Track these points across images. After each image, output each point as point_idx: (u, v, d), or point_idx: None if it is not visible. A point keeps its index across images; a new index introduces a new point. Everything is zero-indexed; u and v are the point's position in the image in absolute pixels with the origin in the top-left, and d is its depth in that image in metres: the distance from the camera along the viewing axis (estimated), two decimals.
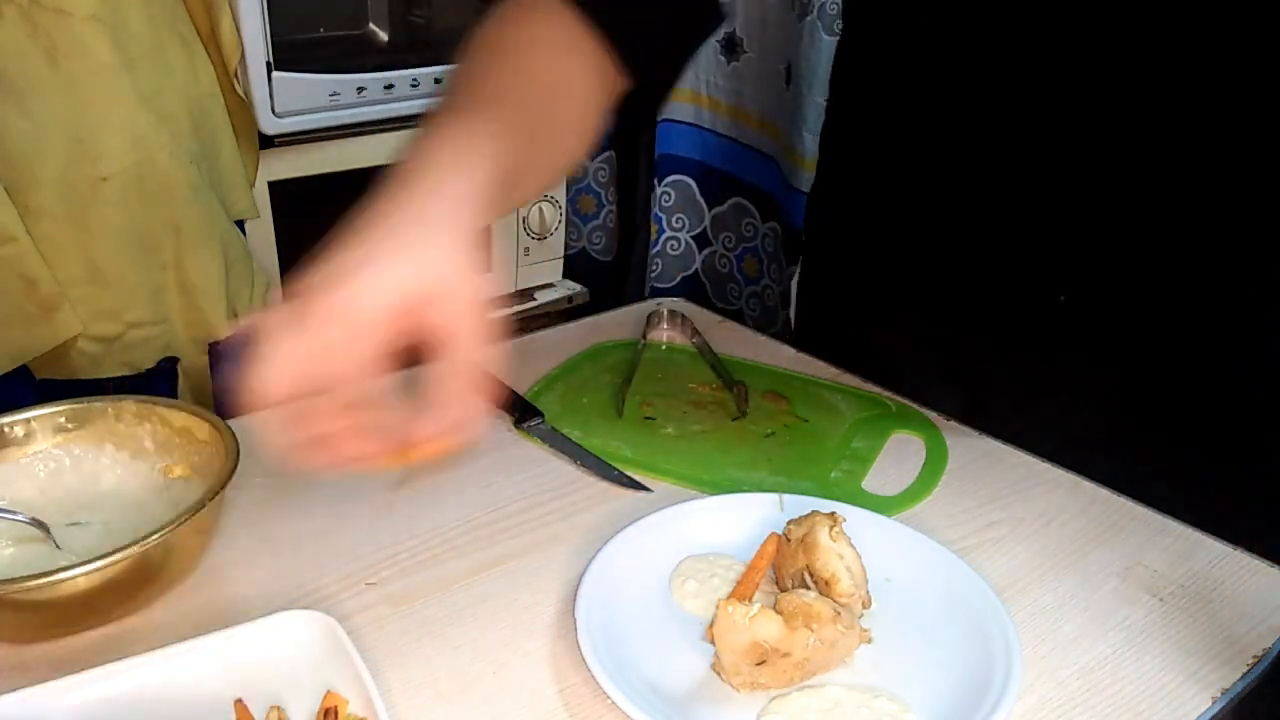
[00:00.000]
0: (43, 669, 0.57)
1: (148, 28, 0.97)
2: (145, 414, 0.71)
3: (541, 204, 1.41)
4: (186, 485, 0.69)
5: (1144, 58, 0.72)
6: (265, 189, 1.17)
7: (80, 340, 0.99)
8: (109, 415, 0.70)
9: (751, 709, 0.55)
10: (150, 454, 0.71)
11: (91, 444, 0.70)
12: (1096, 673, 0.59)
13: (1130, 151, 0.75)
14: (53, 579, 0.55)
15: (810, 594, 0.56)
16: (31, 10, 0.90)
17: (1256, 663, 0.60)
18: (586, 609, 0.60)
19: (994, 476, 0.77)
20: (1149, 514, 0.73)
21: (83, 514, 0.67)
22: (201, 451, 0.69)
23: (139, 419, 0.71)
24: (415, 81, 1.23)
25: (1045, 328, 0.81)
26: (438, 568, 0.67)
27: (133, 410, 0.71)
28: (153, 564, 0.59)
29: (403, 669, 0.58)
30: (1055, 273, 0.80)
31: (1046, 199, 0.78)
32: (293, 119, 1.15)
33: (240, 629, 0.56)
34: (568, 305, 1.49)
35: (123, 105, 0.96)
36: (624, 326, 1.00)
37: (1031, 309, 0.81)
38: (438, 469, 0.77)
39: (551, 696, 0.57)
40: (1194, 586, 0.66)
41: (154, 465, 0.71)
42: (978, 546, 0.70)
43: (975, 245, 0.82)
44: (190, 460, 0.70)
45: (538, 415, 0.82)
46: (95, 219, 0.97)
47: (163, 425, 0.71)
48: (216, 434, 0.68)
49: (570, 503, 0.74)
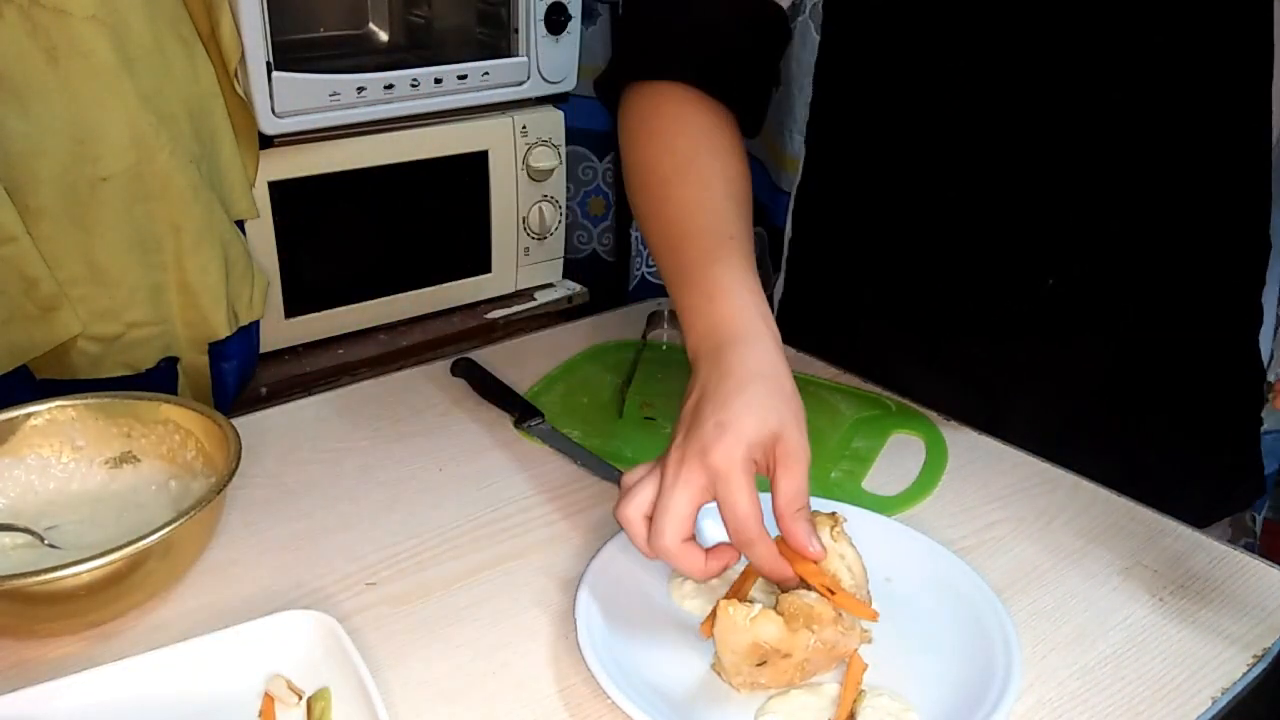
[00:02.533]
0: (42, 669, 0.57)
1: (148, 28, 0.97)
2: (73, 415, 0.71)
3: (541, 204, 1.40)
4: (136, 470, 0.70)
5: (1121, 43, 0.73)
6: (265, 189, 1.17)
7: (80, 340, 0.99)
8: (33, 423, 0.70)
9: (751, 709, 0.55)
10: (85, 450, 0.71)
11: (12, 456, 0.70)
12: (1096, 673, 0.59)
13: (1113, 135, 0.75)
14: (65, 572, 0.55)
15: (811, 595, 0.56)
16: (31, 10, 0.90)
17: (1256, 662, 0.60)
18: (586, 609, 0.60)
19: (994, 476, 0.77)
20: (1149, 514, 0.73)
21: (46, 519, 0.67)
22: (153, 432, 0.70)
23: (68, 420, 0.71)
24: (415, 81, 1.23)
25: (1033, 312, 0.82)
26: (438, 568, 0.67)
27: (58, 414, 0.71)
28: (157, 557, 0.60)
29: (403, 669, 0.58)
30: (1042, 257, 0.80)
31: (1031, 183, 0.78)
32: (293, 119, 1.15)
33: (241, 628, 0.56)
34: (568, 305, 1.48)
35: (123, 105, 0.95)
36: (624, 326, 1.00)
37: (1019, 294, 0.81)
38: (437, 469, 0.77)
39: (551, 696, 0.57)
40: (1194, 586, 0.66)
41: (93, 461, 0.71)
42: (978, 546, 0.70)
43: (961, 231, 0.83)
44: (140, 445, 0.71)
45: (538, 415, 0.82)
46: (95, 219, 0.97)
47: (94, 420, 0.71)
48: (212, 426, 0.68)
49: (570, 503, 0.74)
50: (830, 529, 0.61)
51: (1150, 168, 0.76)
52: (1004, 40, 0.76)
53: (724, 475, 0.56)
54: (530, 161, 1.37)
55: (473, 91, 1.29)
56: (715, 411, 0.59)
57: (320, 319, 1.28)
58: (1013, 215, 0.80)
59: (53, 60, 0.92)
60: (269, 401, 1.00)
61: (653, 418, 0.85)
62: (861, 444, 0.81)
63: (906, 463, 0.79)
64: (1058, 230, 0.79)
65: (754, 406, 0.59)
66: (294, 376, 1.24)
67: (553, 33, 1.31)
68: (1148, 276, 0.80)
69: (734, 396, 0.59)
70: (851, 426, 0.84)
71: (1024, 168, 0.78)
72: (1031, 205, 0.79)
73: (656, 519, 0.58)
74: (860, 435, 0.82)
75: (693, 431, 0.59)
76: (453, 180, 1.33)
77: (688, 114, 0.77)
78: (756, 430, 0.58)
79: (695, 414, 0.60)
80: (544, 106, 1.38)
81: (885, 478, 0.77)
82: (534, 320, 1.43)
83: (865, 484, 0.77)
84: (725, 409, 0.58)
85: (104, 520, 0.68)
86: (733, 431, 0.57)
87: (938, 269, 0.85)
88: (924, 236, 0.85)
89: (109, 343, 1.02)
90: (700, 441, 0.58)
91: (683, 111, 0.77)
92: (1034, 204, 0.79)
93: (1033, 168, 0.78)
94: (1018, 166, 0.78)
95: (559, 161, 1.40)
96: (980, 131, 0.79)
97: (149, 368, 1.05)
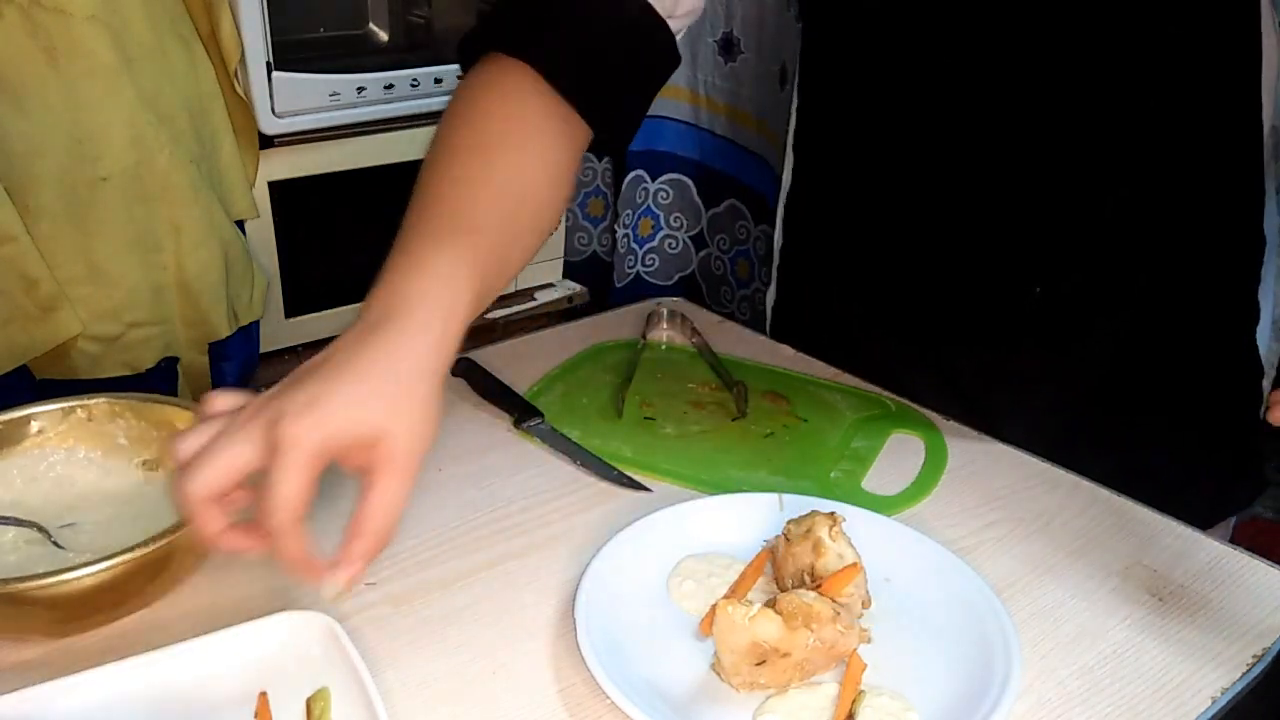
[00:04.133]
0: (43, 669, 0.57)
1: (148, 28, 0.97)
2: (118, 411, 0.71)
3: None
4: (170, 477, 0.70)
5: (1108, 43, 0.73)
6: (265, 189, 1.17)
7: (80, 340, 0.99)
8: (79, 415, 0.70)
9: (750, 708, 0.55)
10: (125, 450, 0.71)
11: (63, 446, 0.70)
12: (1096, 673, 0.59)
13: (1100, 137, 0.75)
14: (70, 575, 0.55)
15: (810, 594, 0.56)
16: (31, 10, 0.90)
17: (1256, 662, 0.60)
18: (586, 609, 0.60)
19: (994, 476, 0.77)
20: (1149, 514, 0.73)
21: (69, 515, 0.67)
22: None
23: (111, 416, 0.71)
24: (415, 81, 1.23)
25: (1023, 321, 0.82)
26: (438, 568, 0.67)
27: (104, 409, 0.71)
28: (162, 562, 0.60)
29: (403, 669, 0.58)
30: (1028, 266, 0.80)
31: (1016, 188, 0.78)
32: (293, 119, 1.15)
33: (240, 629, 0.56)
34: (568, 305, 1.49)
35: (123, 105, 0.96)
36: (624, 326, 1.00)
37: (1006, 302, 0.82)
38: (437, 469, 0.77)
39: (551, 696, 0.57)
40: (1194, 586, 0.66)
41: (130, 461, 0.71)
42: (978, 546, 0.70)
43: (946, 239, 0.83)
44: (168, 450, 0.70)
45: (538, 415, 0.82)
46: (95, 219, 0.97)
47: (137, 420, 0.71)
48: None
49: (570, 503, 0.74)
50: (829, 529, 0.61)
51: (1139, 167, 0.76)
52: (987, 40, 0.76)
53: (283, 450, 0.49)
54: None
55: None
56: (319, 384, 0.52)
57: (320, 319, 1.28)
58: (997, 223, 0.80)
59: (53, 60, 0.92)
60: None
61: (652, 418, 0.85)
62: (861, 444, 0.81)
63: (906, 463, 0.79)
64: (1042, 238, 0.79)
65: (365, 399, 0.52)
66: None
67: None
68: (1140, 278, 0.80)
69: (348, 380, 0.52)
70: (851, 426, 0.84)
71: (1009, 172, 0.78)
72: (1016, 212, 0.79)
73: (196, 459, 0.51)
74: (860, 435, 0.82)
75: (285, 392, 0.52)
76: None
77: (521, 102, 0.69)
78: (350, 424, 0.51)
79: (299, 378, 0.53)
80: None
81: (885, 478, 0.77)
82: (534, 320, 1.44)
83: (865, 484, 0.77)
84: (329, 387, 0.52)
85: (123, 524, 0.67)
86: (321, 412, 0.50)
87: (924, 276, 0.85)
88: (909, 244, 0.85)
89: (109, 343, 1.02)
90: (281, 407, 0.51)
91: (518, 97, 0.69)
92: (1019, 211, 0.79)
93: (1018, 172, 0.78)
94: (1002, 171, 0.78)
95: None
96: (965, 134, 0.79)
97: (149, 368, 1.05)
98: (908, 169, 0.83)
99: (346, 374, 0.52)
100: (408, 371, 0.53)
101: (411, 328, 0.55)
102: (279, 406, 0.50)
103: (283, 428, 0.49)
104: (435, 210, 0.62)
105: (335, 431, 0.50)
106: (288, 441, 0.49)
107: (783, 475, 0.77)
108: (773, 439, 0.82)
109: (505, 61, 0.70)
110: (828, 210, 0.93)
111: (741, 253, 1.85)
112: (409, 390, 0.53)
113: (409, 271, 0.57)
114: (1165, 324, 0.82)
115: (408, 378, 0.53)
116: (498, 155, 0.66)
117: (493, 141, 0.66)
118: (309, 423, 0.50)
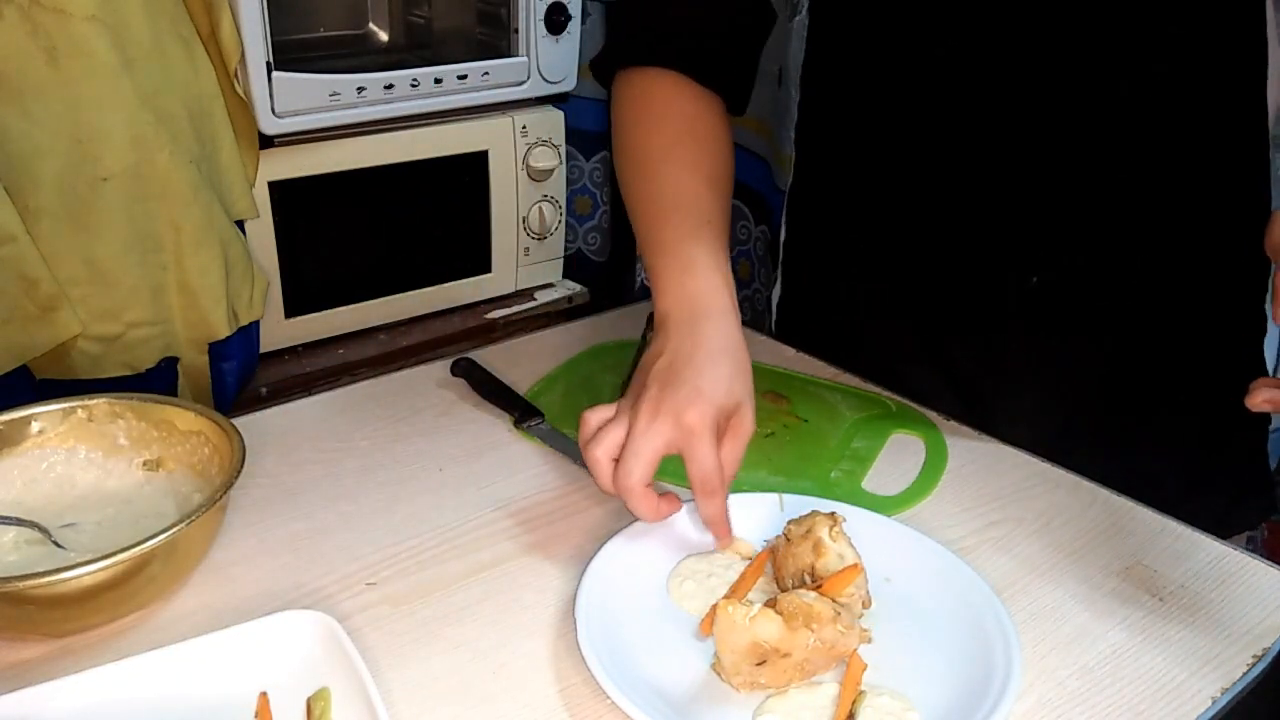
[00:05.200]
0: (43, 669, 0.57)
1: (148, 28, 0.97)
2: (118, 411, 0.71)
3: (542, 204, 1.40)
4: (170, 478, 0.70)
5: (1110, 42, 0.73)
6: (265, 189, 1.17)
7: (80, 340, 0.99)
8: (79, 415, 0.70)
9: (750, 708, 0.55)
10: (126, 450, 0.71)
11: (64, 446, 0.70)
12: (1096, 673, 0.59)
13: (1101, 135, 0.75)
14: (69, 574, 0.55)
15: (810, 594, 0.56)
16: (31, 10, 0.90)
17: (1256, 662, 0.60)
18: (586, 609, 0.60)
19: (994, 476, 0.77)
20: (1149, 514, 0.73)
21: (70, 515, 0.67)
22: (186, 442, 0.70)
23: (111, 416, 0.71)
24: (415, 81, 1.23)
25: (1020, 311, 0.82)
26: (438, 568, 0.67)
27: (105, 409, 0.71)
28: (161, 562, 0.60)
29: (403, 669, 0.58)
30: (1025, 255, 0.80)
31: (1015, 180, 0.79)
32: (293, 119, 1.15)
33: (240, 629, 0.56)
34: (568, 305, 1.48)
35: (123, 105, 0.95)
36: (624, 326, 1.00)
37: (1004, 292, 0.82)
38: (437, 469, 0.77)
39: (551, 696, 0.57)
40: (1194, 586, 0.66)
41: (131, 461, 0.71)
42: (978, 546, 0.70)
43: (945, 229, 0.83)
44: (172, 453, 0.70)
45: (538, 415, 0.82)
46: (95, 219, 0.97)
47: (137, 420, 0.71)
48: (216, 429, 0.68)
49: (570, 503, 0.74)
50: (829, 529, 0.61)
51: (1141, 168, 0.76)
52: (991, 35, 0.76)
53: (697, 433, 0.63)
54: (530, 161, 1.37)
55: (473, 91, 1.29)
56: (693, 377, 0.65)
57: (320, 319, 1.28)
58: (995, 213, 0.80)
59: (53, 60, 0.92)
60: (269, 401, 1.00)
61: None
62: (861, 444, 0.81)
63: (906, 463, 0.79)
64: (1039, 228, 0.79)
65: (724, 379, 0.65)
66: (294, 376, 1.24)
67: (553, 33, 1.31)
68: (1139, 276, 0.80)
69: (708, 366, 0.66)
70: (852, 426, 0.84)
71: (1009, 164, 0.78)
72: (1014, 203, 0.79)
73: (625, 460, 0.63)
74: (860, 435, 0.82)
75: (668, 390, 0.64)
76: (453, 180, 1.33)
77: (675, 100, 0.82)
78: (725, 400, 0.65)
79: (669, 374, 0.66)
80: (544, 106, 1.38)
81: (885, 478, 0.77)
82: (534, 320, 1.43)
83: (865, 484, 0.77)
84: (701, 376, 0.65)
85: (123, 524, 0.67)
86: (707, 397, 0.64)
87: (926, 267, 0.85)
88: (911, 235, 0.85)
89: (109, 343, 1.02)
90: (675, 401, 0.63)
91: (670, 98, 0.82)
92: (1017, 202, 0.79)
93: (1017, 164, 0.78)
94: (1003, 163, 0.78)
95: (559, 161, 1.40)
96: (967, 128, 0.79)
97: (149, 368, 1.05)
98: (910, 159, 0.83)
99: (706, 365, 0.66)
100: (738, 350, 0.68)
101: (721, 317, 0.69)
102: (672, 404, 0.63)
103: (688, 418, 0.63)
104: (674, 214, 0.75)
105: (721, 409, 0.64)
106: (697, 426, 0.63)
107: (783, 475, 0.77)
108: (773, 439, 0.82)
109: (642, 72, 0.84)
110: (830, 204, 0.93)
111: (743, 252, 1.85)
112: (746, 365, 0.68)
113: (683, 274, 0.71)
114: (1166, 327, 0.82)
115: (741, 355, 0.68)
116: (691, 152, 0.80)
117: (684, 140, 0.80)
118: (703, 408, 0.63)
